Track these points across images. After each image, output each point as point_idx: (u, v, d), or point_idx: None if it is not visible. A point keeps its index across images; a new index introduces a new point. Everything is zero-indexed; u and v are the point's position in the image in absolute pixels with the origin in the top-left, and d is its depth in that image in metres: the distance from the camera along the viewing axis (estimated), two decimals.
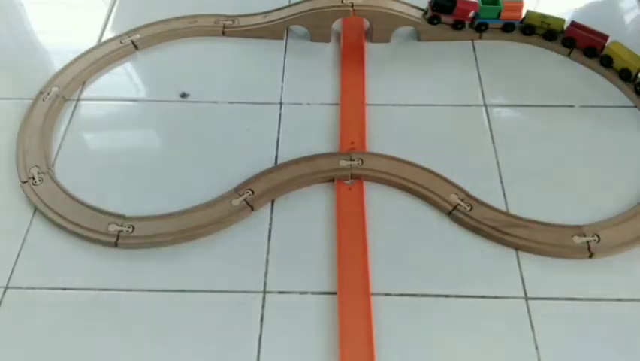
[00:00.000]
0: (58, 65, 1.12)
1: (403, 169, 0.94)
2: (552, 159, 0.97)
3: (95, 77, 1.12)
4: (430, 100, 1.06)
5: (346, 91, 1.08)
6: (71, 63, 1.12)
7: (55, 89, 1.07)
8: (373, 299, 0.80)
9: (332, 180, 0.94)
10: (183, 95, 1.01)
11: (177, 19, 1.20)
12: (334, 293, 0.81)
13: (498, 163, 0.96)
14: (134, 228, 0.88)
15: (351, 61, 1.13)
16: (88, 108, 1.07)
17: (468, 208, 0.89)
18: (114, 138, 1.04)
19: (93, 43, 1.17)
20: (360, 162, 0.94)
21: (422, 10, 1.16)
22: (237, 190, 0.92)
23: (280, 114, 1.05)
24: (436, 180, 0.92)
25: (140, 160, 0.99)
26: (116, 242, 0.87)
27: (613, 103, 1.06)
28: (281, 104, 1.06)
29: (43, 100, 1.05)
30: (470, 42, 1.17)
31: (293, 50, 1.16)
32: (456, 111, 1.05)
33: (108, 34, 1.20)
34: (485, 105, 1.05)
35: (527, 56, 1.15)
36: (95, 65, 1.12)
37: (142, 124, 1.06)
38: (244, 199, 0.90)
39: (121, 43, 1.16)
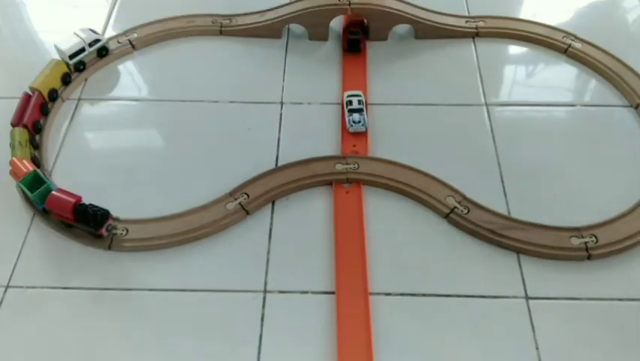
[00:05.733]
0: None
1: (399, 173, 0.94)
2: (553, 159, 0.97)
3: (94, 76, 1.12)
4: (431, 99, 1.06)
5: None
6: None
7: None
8: (373, 299, 0.81)
9: (329, 183, 0.94)
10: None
11: (175, 18, 1.20)
12: (334, 293, 0.81)
13: (499, 163, 0.96)
14: (127, 230, 0.88)
15: (353, 60, 1.13)
16: (89, 108, 1.07)
17: (465, 211, 0.89)
18: (115, 138, 1.04)
19: None
20: (356, 165, 0.94)
21: (419, 7, 1.17)
22: (232, 194, 0.91)
23: (281, 114, 1.05)
24: (432, 183, 0.92)
25: (141, 160, 0.99)
26: (109, 245, 0.87)
27: (613, 103, 1.06)
28: (282, 103, 1.06)
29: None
30: (471, 40, 1.17)
31: (294, 49, 1.16)
32: (457, 111, 1.05)
33: (110, 33, 1.20)
34: (487, 105, 1.06)
35: (528, 56, 1.15)
36: (92, 65, 1.12)
37: (143, 124, 1.06)
38: (239, 203, 0.90)
39: (118, 42, 1.16)
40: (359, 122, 0.99)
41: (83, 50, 1.08)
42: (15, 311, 0.81)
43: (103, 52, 1.12)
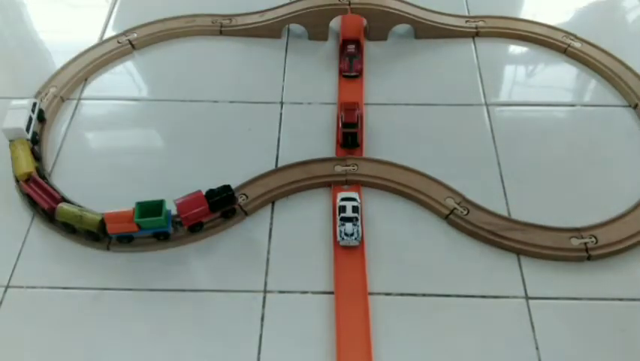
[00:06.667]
0: (59, 64, 1.12)
1: (398, 174, 0.93)
2: (553, 159, 0.97)
3: (95, 76, 1.12)
4: (431, 99, 1.06)
5: (344, 92, 1.07)
6: (69, 64, 1.12)
7: (53, 90, 1.06)
8: (373, 299, 0.81)
9: (328, 185, 0.94)
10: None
11: (175, 18, 1.20)
12: (334, 293, 0.81)
13: (499, 163, 0.96)
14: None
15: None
16: (88, 108, 1.07)
17: (464, 212, 0.89)
18: (115, 138, 1.04)
19: (95, 42, 1.17)
20: (355, 167, 0.94)
21: (419, 7, 1.16)
22: None
23: (281, 114, 1.05)
24: (431, 184, 0.92)
25: (141, 160, 0.99)
26: (108, 246, 0.87)
27: (612, 102, 1.06)
28: (282, 103, 1.06)
29: (42, 100, 1.04)
30: (471, 40, 1.16)
31: (294, 49, 1.16)
32: (457, 111, 1.05)
33: (110, 33, 1.20)
34: (487, 105, 1.05)
35: (528, 55, 1.15)
36: (92, 65, 1.12)
37: (143, 124, 1.06)
38: (237, 204, 0.90)
39: (118, 43, 1.16)
40: (352, 234, 0.84)
41: (30, 119, 0.97)
42: (15, 311, 0.81)
43: (41, 115, 1.01)
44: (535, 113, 1.05)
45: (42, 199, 0.88)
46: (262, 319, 0.80)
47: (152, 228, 0.85)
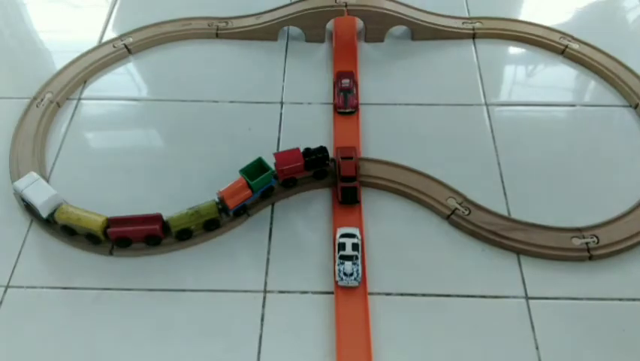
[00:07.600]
0: (58, 65, 1.12)
1: (398, 174, 0.93)
2: (553, 159, 0.97)
3: (91, 81, 1.11)
4: (430, 100, 1.06)
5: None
6: (64, 68, 1.11)
7: (48, 95, 1.06)
8: (373, 299, 0.81)
9: (328, 186, 0.93)
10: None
11: (171, 22, 1.19)
12: (334, 293, 0.81)
13: (499, 163, 0.96)
14: None
15: (344, 61, 1.12)
16: (88, 108, 1.07)
17: (466, 213, 0.89)
18: (115, 139, 1.04)
19: (94, 43, 1.17)
20: None
21: (415, 8, 1.16)
22: None
23: (281, 114, 1.05)
24: (432, 184, 0.92)
25: (141, 160, 0.99)
26: (110, 251, 0.86)
27: (612, 103, 1.06)
28: (282, 103, 1.06)
29: (37, 106, 1.04)
30: (470, 40, 1.16)
31: (294, 49, 1.16)
32: (457, 111, 1.05)
33: (110, 33, 1.20)
34: (487, 105, 1.06)
35: (526, 57, 1.15)
36: (88, 70, 1.11)
37: (143, 124, 1.06)
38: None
39: (114, 47, 1.15)
40: (351, 275, 0.81)
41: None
42: (15, 311, 0.81)
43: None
44: (535, 113, 1.05)
45: (141, 229, 0.84)
46: (262, 319, 0.80)
47: (262, 186, 0.88)
